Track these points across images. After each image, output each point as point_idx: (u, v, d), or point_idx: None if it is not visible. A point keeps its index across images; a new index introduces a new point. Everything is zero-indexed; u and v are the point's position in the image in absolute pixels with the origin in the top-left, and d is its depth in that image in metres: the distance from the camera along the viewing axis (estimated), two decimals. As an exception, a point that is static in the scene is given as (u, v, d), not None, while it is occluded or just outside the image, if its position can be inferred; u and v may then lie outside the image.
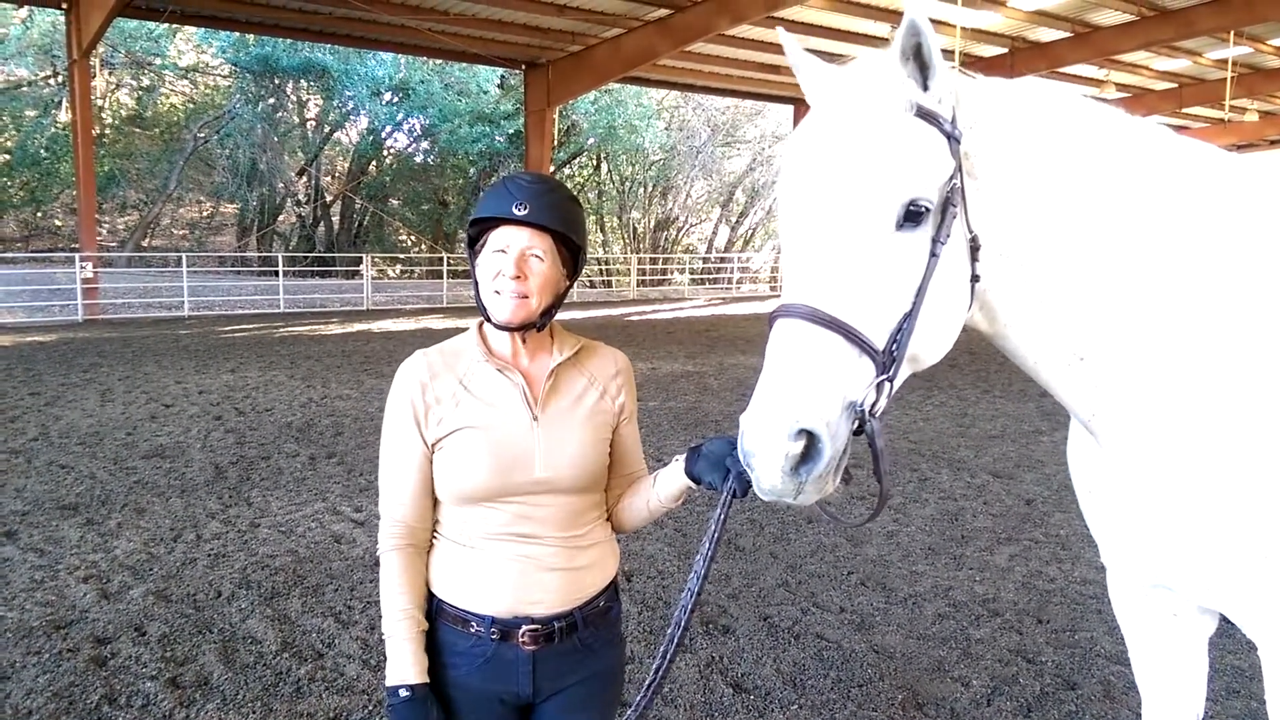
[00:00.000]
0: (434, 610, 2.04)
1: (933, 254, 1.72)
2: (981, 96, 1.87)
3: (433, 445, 2.03)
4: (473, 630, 2.01)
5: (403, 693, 1.93)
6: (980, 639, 4.61)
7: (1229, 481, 1.84)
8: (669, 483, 2.10)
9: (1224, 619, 2.15)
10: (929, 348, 1.79)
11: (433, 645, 2.02)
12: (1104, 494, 2.10)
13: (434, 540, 2.08)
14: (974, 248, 1.80)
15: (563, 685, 2.06)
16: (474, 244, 2.07)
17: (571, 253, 2.07)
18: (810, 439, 1.62)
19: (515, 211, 1.96)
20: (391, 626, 1.98)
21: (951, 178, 1.74)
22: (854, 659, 4.37)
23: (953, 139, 1.76)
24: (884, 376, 1.69)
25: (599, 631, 2.11)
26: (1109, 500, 2.09)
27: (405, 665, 1.95)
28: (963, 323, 1.87)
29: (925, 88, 1.76)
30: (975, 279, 1.82)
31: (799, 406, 1.61)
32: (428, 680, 1.96)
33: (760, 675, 4.20)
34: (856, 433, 1.69)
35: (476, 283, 2.05)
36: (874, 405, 1.68)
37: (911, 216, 1.70)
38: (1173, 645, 2.28)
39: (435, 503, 2.07)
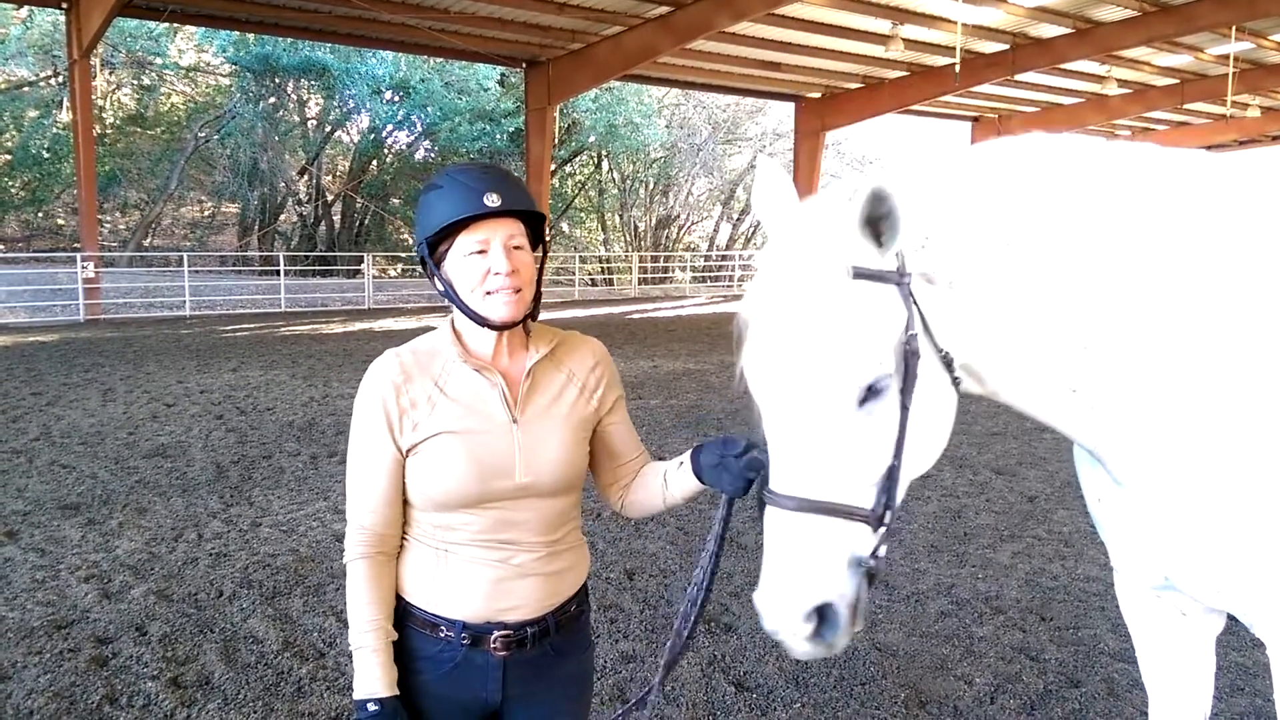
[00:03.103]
0: (401, 613, 1.97)
1: (903, 407, 1.70)
2: (929, 201, 1.79)
3: (407, 451, 1.92)
4: (442, 635, 1.95)
5: (371, 706, 1.87)
6: (983, 637, 4.60)
7: (1235, 491, 1.81)
8: (682, 484, 2.04)
9: (1231, 616, 2.13)
10: (925, 465, 1.82)
11: (398, 650, 1.94)
12: (1113, 502, 2.08)
13: (404, 542, 1.99)
14: (948, 361, 1.77)
15: (532, 691, 2.01)
16: (432, 251, 1.92)
17: (534, 229, 1.98)
18: (824, 608, 1.68)
19: (489, 204, 1.84)
20: (359, 638, 1.91)
21: (908, 328, 1.68)
22: (856, 657, 4.35)
23: (900, 284, 1.69)
24: (881, 529, 1.71)
25: (570, 636, 2.06)
26: (1118, 508, 2.06)
27: (373, 678, 1.88)
28: (954, 418, 1.85)
29: (880, 245, 1.67)
30: (956, 382, 1.80)
31: (808, 591, 1.67)
32: (397, 693, 1.89)
33: (763, 673, 4.19)
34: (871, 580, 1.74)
35: (454, 292, 1.91)
36: (875, 549, 1.72)
37: (873, 392, 1.67)
38: (1180, 644, 2.26)
39: (405, 506, 1.98)
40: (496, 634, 1.95)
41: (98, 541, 5.83)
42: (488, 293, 1.88)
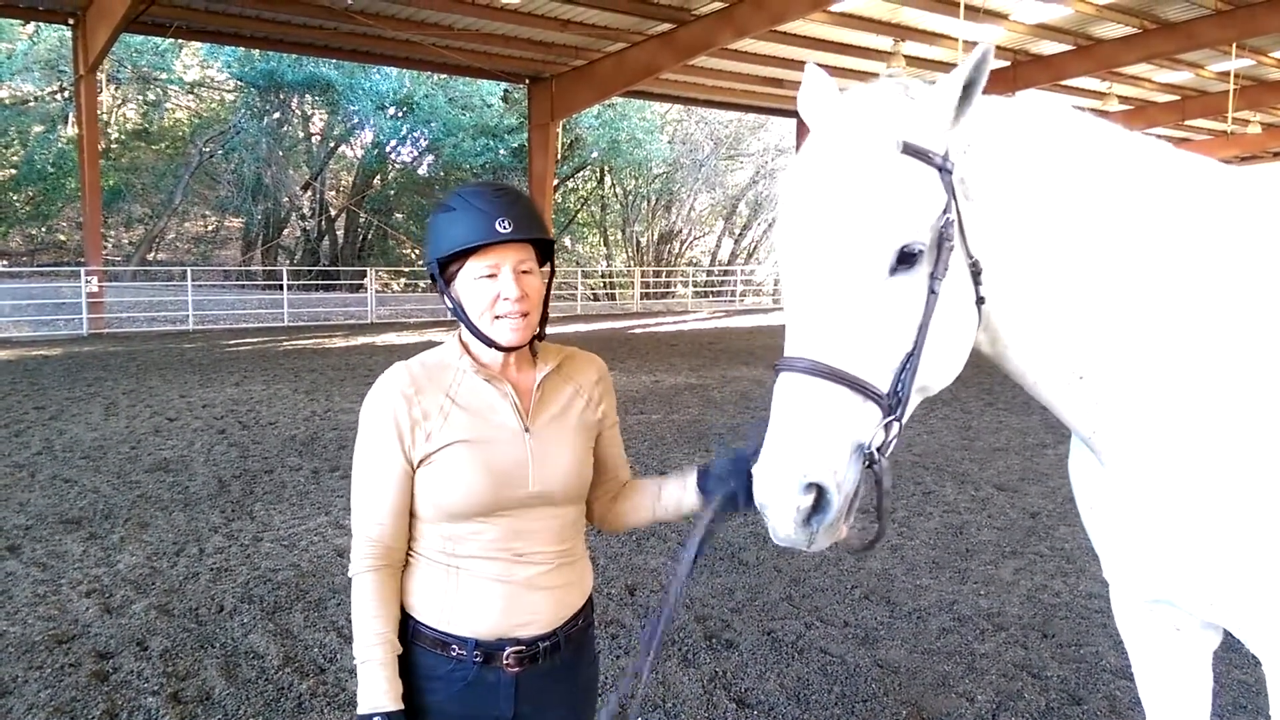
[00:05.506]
0: (409, 633, 1.97)
1: (931, 291, 1.71)
2: (977, 117, 1.85)
3: (418, 462, 1.94)
4: (453, 654, 1.94)
5: (377, 719, 1.86)
6: (985, 654, 4.59)
7: (1230, 496, 1.82)
8: (678, 497, 2.07)
9: (1229, 633, 2.13)
10: (938, 377, 1.80)
11: (408, 669, 1.94)
12: (1106, 510, 2.09)
13: (410, 559, 2.00)
14: (975, 272, 1.79)
15: (544, 706, 2.02)
16: (443, 270, 1.94)
17: (543, 248, 2.01)
18: (819, 491, 1.65)
19: (501, 230, 1.86)
20: (365, 651, 1.90)
21: (945, 211, 1.72)
22: (858, 674, 4.34)
23: (944, 171, 1.73)
24: (891, 417, 1.70)
25: (577, 650, 2.08)
26: (1111, 516, 2.08)
27: (379, 692, 1.87)
28: (972, 344, 1.86)
29: (958, 113, 1.74)
30: (980, 301, 1.82)
31: (806, 461, 1.64)
32: (403, 707, 1.88)
33: (764, 690, 4.18)
34: (869, 467, 1.70)
35: (464, 312, 1.93)
36: (883, 444, 1.69)
37: (905, 259, 1.69)
38: (1176, 660, 2.26)
39: (412, 519, 1.98)
40: (509, 650, 1.95)
41: (99, 556, 5.83)
42: (496, 317, 1.91)
